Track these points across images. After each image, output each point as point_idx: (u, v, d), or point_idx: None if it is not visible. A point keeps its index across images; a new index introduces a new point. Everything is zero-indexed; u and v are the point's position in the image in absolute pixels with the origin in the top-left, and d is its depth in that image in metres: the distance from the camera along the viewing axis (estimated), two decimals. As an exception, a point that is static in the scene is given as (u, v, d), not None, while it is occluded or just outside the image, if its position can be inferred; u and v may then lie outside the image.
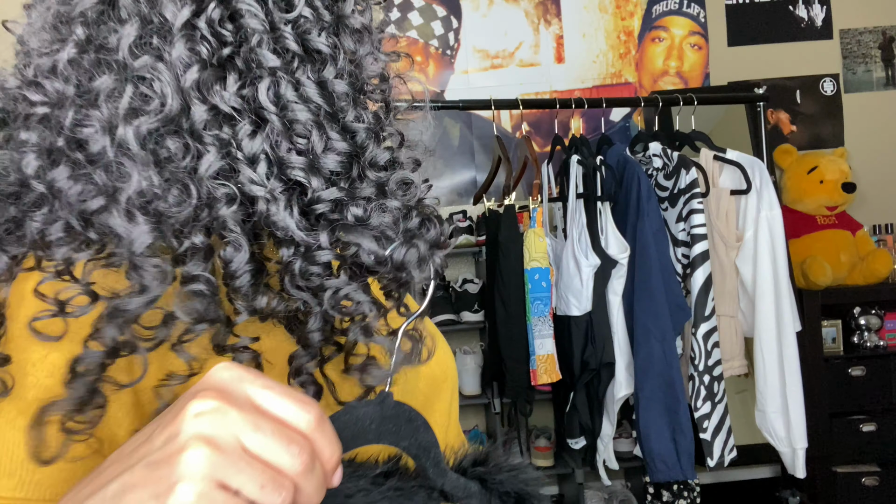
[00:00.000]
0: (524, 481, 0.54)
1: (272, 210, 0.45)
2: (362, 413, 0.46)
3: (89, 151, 0.44)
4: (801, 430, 2.06)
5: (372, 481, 0.50)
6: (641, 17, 3.45)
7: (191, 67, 0.44)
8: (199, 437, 0.36)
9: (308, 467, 0.37)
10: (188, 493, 0.34)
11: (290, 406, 0.38)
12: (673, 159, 2.09)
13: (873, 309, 2.91)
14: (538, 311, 2.00)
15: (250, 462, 0.36)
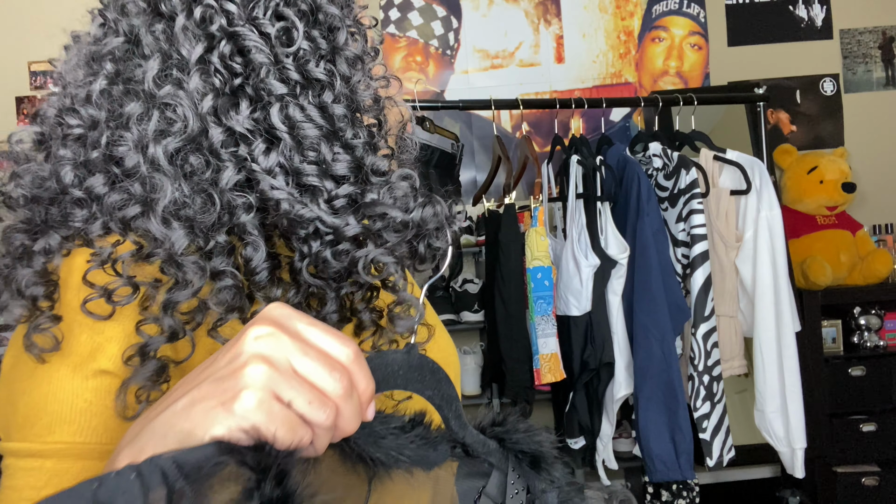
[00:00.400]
0: (539, 442, 0.58)
1: (298, 208, 0.53)
2: (391, 359, 0.50)
3: (125, 167, 0.52)
4: (800, 430, 2.06)
5: (401, 429, 0.54)
6: (641, 17, 3.45)
7: (206, 96, 0.52)
8: (257, 356, 0.41)
9: (347, 392, 0.43)
10: (251, 399, 0.40)
11: (332, 341, 0.44)
12: (673, 159, 2.09)
13: (873, 309, 2.91)
14: (541, 309, 2.00)
15: (300, 380, 0.42)
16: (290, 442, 0.40)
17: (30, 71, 3.39)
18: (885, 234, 3.11)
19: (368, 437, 0.51)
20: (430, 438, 0.55)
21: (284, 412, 0.41)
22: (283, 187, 0.53)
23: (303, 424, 0.42)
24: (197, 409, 0.41)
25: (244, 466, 0.39)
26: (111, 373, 0.52)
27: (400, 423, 0.54)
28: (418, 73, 3.44)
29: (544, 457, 0.58)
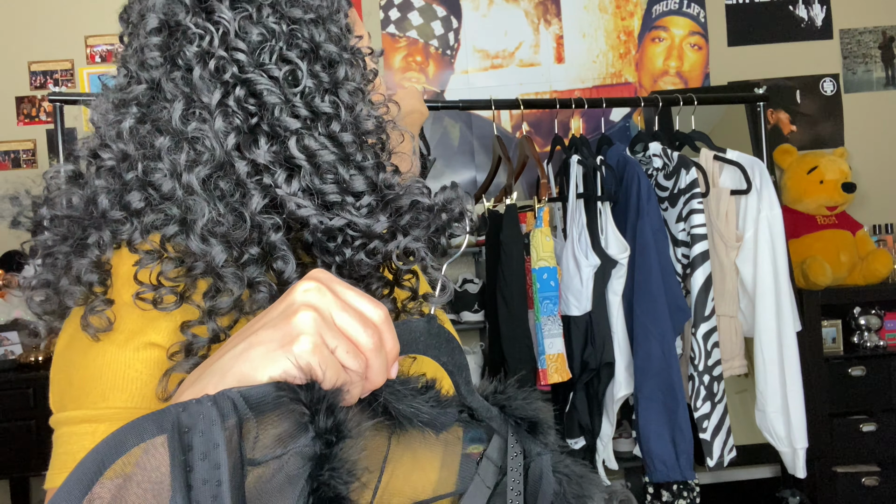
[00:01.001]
0: (536, 409, 0.64)
1: (327, 221, 0.61)
2: (414, 326, 0.56)
3: (161, 192, 0.60)
4: (801, 429, 2.06)
5: (417, 391, 0.59)
6: (641, 17, 3.45)
7: (229, 135, 0.59)
8: (307, 304, 0.47)
9: (377, 348, 0.49)
10: (307, 342, 0.46)
11: (366, 303, 0.50)
12: (673, 159, 2.09)
13: (873, 309, 2.91)
14: (547, 310, 2.00)
15: (340, 331, 0.48)
16: (336, 383, 0.46)
17: (30, 71, 3.39)
18: (885, 234, 3.11)
19: (392, 394, 0.56)
20: (442, 402, 0.60)
21: (331, 357, 0.46)
22: (309, 206, 0.60)
23: (343, 371, 0.47)
24: (255, 352, 0.46)
25: (298, 403, 0.44)
26: (159, 345, 0.59)
27: (416, 384, 0.59)
28: (418, 73, 3.44)
29: (541, 423, 0.63)
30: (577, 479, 0.64)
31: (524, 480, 0.63)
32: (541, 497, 0.62)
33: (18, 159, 3.40)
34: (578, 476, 0.64)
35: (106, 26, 3.29)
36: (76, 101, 1.93)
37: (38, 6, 3.32)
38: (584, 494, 0.64)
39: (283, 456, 0.43)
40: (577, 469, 0.64)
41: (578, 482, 0.64)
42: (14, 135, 3.40)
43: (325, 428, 0.44)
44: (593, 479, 0.66)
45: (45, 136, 3.39)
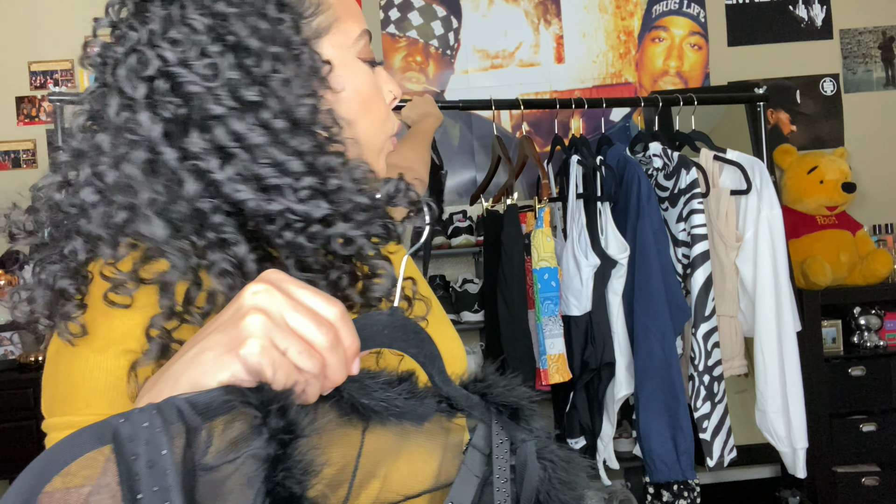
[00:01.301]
0: (517, 395, 0.63)
1: (264, 205, 0.61)
2: (375, 319, 0.56)
3: (107, 183, 0.61)
4: (801, 429, 2.06)
5: (389, 384, 0.59)
6: (641, 17, 3.45)
7: (156, 125, 0.61)
8: (255, 307, 0.48)
9: (333, 345, 0.49)
10: (254, 345, 0.46)
11: (320, 301, 0.50)
12: (673, 159, 2.09)
13: (873, 309, 2.91)
14: (548, 310, 2.00)
15: (292, 332, 0.48)
16: (288, 383, 0.47)
17: (30, 71, 3.39)
18: (885, 234, 3.11)
19: (360, 389, 0.56)
20: (418, 394, 0.60)
21: (282, 358, 0.47)
22: (245, 189, 0.61)
23: (296, 371, 0.48)
24: (205, 357, 0.47)
25: (249, 406, 0.44)
26: (136, 352, 0.60)
27: (388, 378, 0.59)
28: (418, 73, 3.44)
29: (522, 409, 0.63)
30: (562, 464, 0.63)
31: (513, 468, 0.63)
32: (526, 483, 0.61)
33: (18, 159, 3.40)
34: (564, 461, 0.63)
35: (106, 26, 3.29)
36: (76, 101, 1.92)
37: (38, 6, 3.32)
38: (570, 479, 0.63)
39: (238, 459, 0.44)
40: (563, 454, 0.64)
41: (564, 467, 0.63)
42: (14, 135, 3.40)
43: (278, 429, 0.44)
44: (580, 463, 0.65)
45: (45, 136, 3.39)
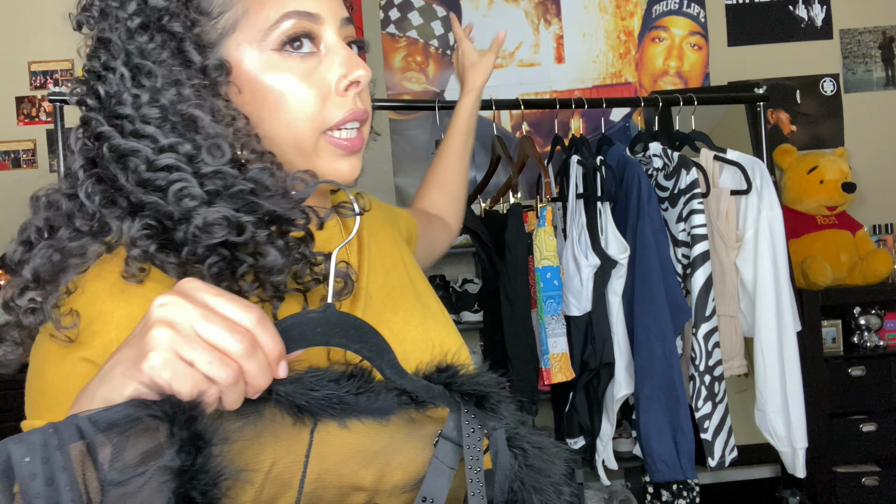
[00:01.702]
0: (483, 383, 0.62)
1: (162, 206, 0.63)
2: (306, 318, 0.56)
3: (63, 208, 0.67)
4: (801, 429, 2.06)
5: (335, 380, 0.58)
6: (641, 17, 3.45)
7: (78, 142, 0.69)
8: (161, 320, 0.48)
9: (249, 352, 0.49)
10: (156, 358, 0.47)
11: (235, 308, 0.50)
12: (673, 159, 2.09)
13: (873, 309, 2.91)
14: (551, 309, 2.00)
15: (202, 342, 0.48)
16: (192, 396, 0.47)
17: (30, 71, 3.39)
18: (885, 234, 3.11)
19: (299, 388, 0.56)
20: (373, 389, 0.60)
21: (187, 370, 0.47)
22: (137, 190, 0.64)
23: (206, 381, 0.47)
24: (115, 372, 0.48)
25: (155, 419, 0.45)
26: (91, 361, 0.61)
27: (335, 376, 0.59)
28: (418, 73, 3.44)
29: (488, 396, 0.62)
30: (534, 450, 0.61)
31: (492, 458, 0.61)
32: (498, 472, 0.60)
33: (18, 159, 3.40)
34: (536, 447, 0.62)
35: (106, 26, 3.29)
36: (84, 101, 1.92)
37: (38, 6, 3.32)
38: (542, 466, 0.61)
39: (147, 472, 0.44)
40: (535, 440, 0.62)
41: (537, 454, 0.61)
42: (14, 135, 3.40)
43: (186, 439, 0.45)
44: (553, 449, 0.63)
45: (45, 136, 3.39)
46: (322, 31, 0.74)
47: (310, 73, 0.73)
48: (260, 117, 0.72)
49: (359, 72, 0.73)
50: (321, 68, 0.73)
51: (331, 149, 0.74)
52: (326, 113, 0.73)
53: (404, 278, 0.87)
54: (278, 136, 0.72)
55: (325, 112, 0.73)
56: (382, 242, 0.89)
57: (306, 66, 0.72)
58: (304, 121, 0.72)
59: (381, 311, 0.79)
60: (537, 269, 2.00)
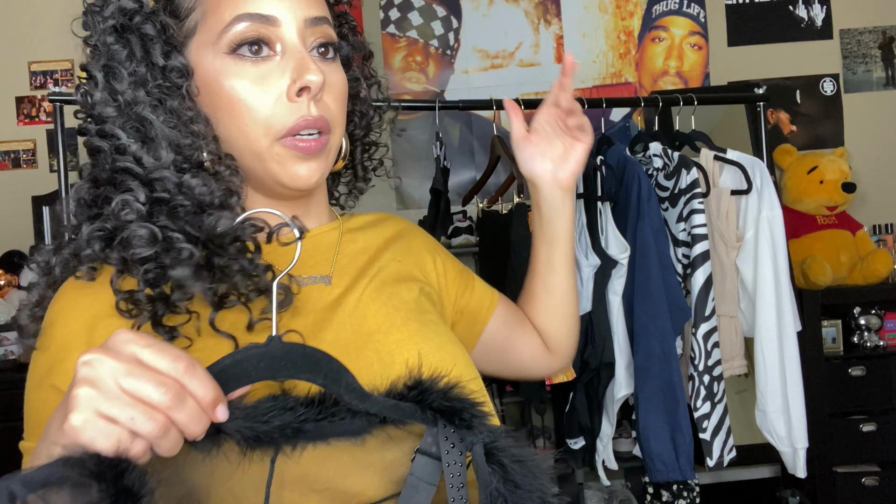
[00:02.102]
0: (455, 398, 0.60)
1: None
2: (246, 356, 0.55)
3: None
4: (801, 429, 2.06)
5: (292, 410, 0.57)
6: (641, 17, 3.45)
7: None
8: (82, 380, 0.48)
9: (175, 402, 0.49)
10: (77, 418, 0.47)
11: (162, 359, 0.50)
12: (673, 159, 2.09)
13: (873, 309, 2.90)
14: None
15: (123, 398, 0.48)
16: (116, 452, 0.47)
17: (30, 71, 3.39)
18: (885, 234, 3.11)
19: (251, 422, 0.55)
20: (344, 413, 0.59)
21: (109, 427, 0.47)
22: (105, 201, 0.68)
23: (131, 436, 0.48)
24: (50, 430, 0.51)
25: (85, 477, 0.45)
26: (59, 389, 0.64)
27: (291, 404, 0.58)
28: (418, 73, 3.44)
29: (459, 411, 0.60)
30: (514, 465, 0.58)
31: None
32: (481, 490, 0.58)
33: (18, 159, 3.40)
34: (517, 461, 0.58)
35: (106, 26, 3.29)
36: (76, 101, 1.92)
37: (38, 6, 3.32)
38: (522, 482, 0.58)
39: None
40: (515, 453, 0.59)
41: (517, 470, 0.58)
42: (14, 135, 3.40)
43: (113, 494, 0.45)
44: (533, 461, 0.59)
45: (45, 136, 3.39)
46: (279, 33, 0.72)
47: (262, 77, 0.71)
48: (218, 120, 0.72)
49: (308, 77, 0.70)
50: (275, 73, 0.71)
51: (287, 151, 0.72)
52: (277, 119, 0.71)
53: (409, 300, 0.83)
54: (234, 139, 0.72)
55: (276, 118, 0.71)
56: (389, 263, 0.86)
57: (258, 70, 0.71)
58: (254, 126, 0.71)
59: (374, 332, 0.76)
60: (542, 268, 1.99)
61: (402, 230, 0.94)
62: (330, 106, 0.75)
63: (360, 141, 0.93)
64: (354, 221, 0.91)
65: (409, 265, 0.88)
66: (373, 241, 0.88)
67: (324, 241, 0.84)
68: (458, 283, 0.96)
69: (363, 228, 0.90)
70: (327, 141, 0.74)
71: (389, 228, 0.92)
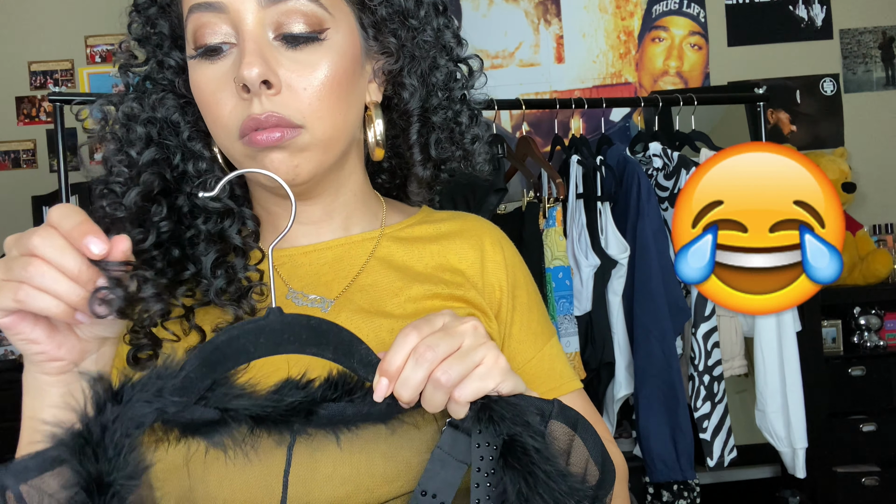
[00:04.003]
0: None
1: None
2: (244, 330, 0.50)
3: None
4: (801, 429, 2.06)
5: (304, 389, 0.53)
6: (641, 17, 3.45)
7: None
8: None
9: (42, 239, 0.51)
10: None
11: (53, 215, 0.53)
12: (673, 159, 2.09)
13: (873, 309, 2.90)
14: (563, 309, 2.00)
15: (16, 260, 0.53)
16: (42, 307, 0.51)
17: (30, 71, 3.39)
18: (885, 234, 3.11)
19: (261, 402, 0.51)
20: (348, 391, 0.54)
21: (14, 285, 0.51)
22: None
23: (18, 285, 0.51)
24: None
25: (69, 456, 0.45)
26: None
27: (304, 386, 0.53)
28: (418, 73, 3.44)
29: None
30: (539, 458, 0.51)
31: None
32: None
33: (18, 159, 3.40)
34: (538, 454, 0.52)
35: (106, 26, 3.29)
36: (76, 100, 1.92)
37: (38, 6, 3.32)
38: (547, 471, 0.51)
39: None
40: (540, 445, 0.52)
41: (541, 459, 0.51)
42: (14, 135, 3.40)
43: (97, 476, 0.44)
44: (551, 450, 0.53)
45: (45, 136, 3.39)
46: (232, 20, 0.64)
47: (218, 76, 0.65)
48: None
49: (242, 72, 0.62)
50: (230, 70, 0.65)
51: (249, 150, 0.66)
52: (231, 119, 0.65)
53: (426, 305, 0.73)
54: (215, 138, 0.69)
55: (231, 118, 0.65)
56: (422, 297, 0.73)
57: (216, 69, 0.65)
58: (218, 129, 0.67)
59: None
60: (549, 269, 1.99)
61: (480, 255, 0.77)
62: (301, 95, 0.65)
63: (415, 115, 0.75)
64: (417, 228, 0.78)
65: (453, 300, 0.73)
66: (419, 261, 0.76)
67: (350, 255, 0.75)
68: (520, 349, 0.77)
69: (421, 240, 0.77)
70: (297, 134, 0.65)
71: (459, 246, 0.77)
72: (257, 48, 0.63)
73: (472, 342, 0.55)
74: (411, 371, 0.53)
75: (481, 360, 0.54)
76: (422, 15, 0.72)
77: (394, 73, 0.73)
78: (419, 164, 0.76)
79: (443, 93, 0.75)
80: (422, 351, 0.53)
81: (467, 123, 0.77)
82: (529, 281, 0.81)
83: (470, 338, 0.55)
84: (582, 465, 0.55)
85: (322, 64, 0.65)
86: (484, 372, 0.54)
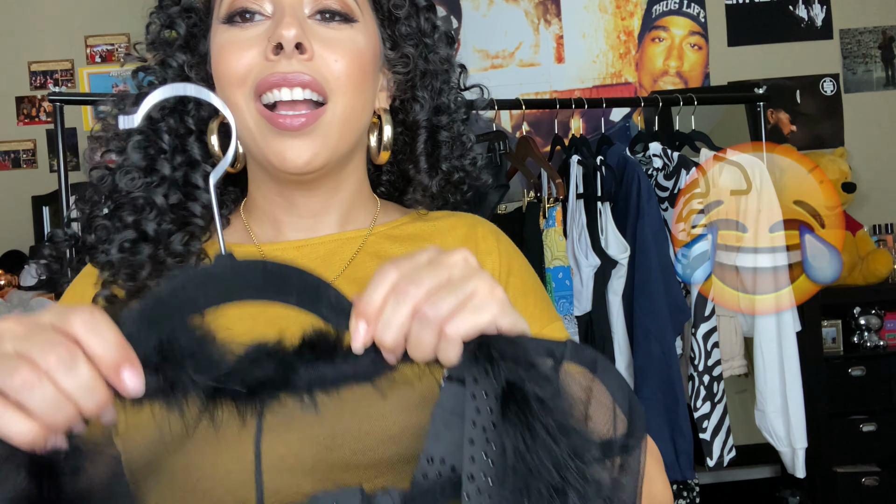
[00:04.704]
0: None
1: None
2: (183, 281, 0.43)
3: None
4: (800, 429, 2.06)
5: (272, 354, 0.45)
6: (641, 17, 3.45)
7: None
8: None
9: (61, 364, 0.39)
10: None
11: (60, 316, 0.41)
12: (673, 159, 2.09)
13: (873, 309, 2.90)
14: (564, 309, 1.99)
15: (16, 362, 0.39)
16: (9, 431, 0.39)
17: (30, 71, 3.39)
18: (885, 234, 3.11)
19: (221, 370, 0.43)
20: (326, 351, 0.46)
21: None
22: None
23: (16, 408, 0.39)
24: None
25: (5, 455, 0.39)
26: None
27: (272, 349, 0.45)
28: (418, 73, 3.44)
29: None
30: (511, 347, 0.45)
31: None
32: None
33: (18, 159, 3.40)
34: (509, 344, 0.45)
35: (106, 26, 3.29)
36: (76, 101, 1.93)
37: (38, 6, 3.32)
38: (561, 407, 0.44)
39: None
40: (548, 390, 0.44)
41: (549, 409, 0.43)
42: (14, 135, 3.40)
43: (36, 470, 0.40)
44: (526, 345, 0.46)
45: (45, 136, 3.39)
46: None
47: (247, 39, 0.68)
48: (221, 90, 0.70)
49: (280, 31, 0.65)
50: (261, 35, 0.68)
51: (269, 128, 0.67)
52: (253, 76, 0.67)
53: None
54: (228, 103, 0.67)
55: (251, 73, 0.67)
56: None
57: (245, 33, 0.68)
58: (231, 84, 0.68)
59: None
60: (548, 269, 1.99)
61: (474, 246, 0.76)
62: (331, 66, 0.67)
63: (423, 126, 0.77)
64: (410, 227, 0.79)
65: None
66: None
67: (341, 250, 0.74)
68: None
69: (415, 237, 0.77)
70: (322, 113, 0.67)
71: (452, 239, 0.77)
72: (296, 18, 0.66)
73: (462, 272, 0.47)
74: (393, 310, 0.45)
75: (473, 290, 0.46)
76: (436, 38, 0.77)
77: (403, 88, 0.77)
78: (425, 172, 0.79)
79: (447, 117, 0.79)
80: (403, 286, 0.45)
81: (468, 146, 0.82)
82: (527, 270, 0.79)
83: (459, 268, 0.47)
84: (606, 415, 0.46)
85: (352, 44, 0.69)
86: (478, 303, 0.46)
